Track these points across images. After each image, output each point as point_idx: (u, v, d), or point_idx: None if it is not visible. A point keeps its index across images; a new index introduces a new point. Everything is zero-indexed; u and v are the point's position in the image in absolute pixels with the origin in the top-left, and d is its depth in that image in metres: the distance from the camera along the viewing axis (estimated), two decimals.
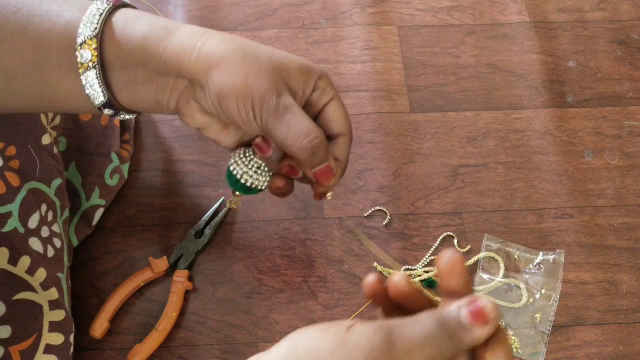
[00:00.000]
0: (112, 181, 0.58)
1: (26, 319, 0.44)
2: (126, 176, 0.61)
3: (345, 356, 0.25)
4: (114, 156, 0.58)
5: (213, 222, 0.60)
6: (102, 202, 0.58)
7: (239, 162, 0.41)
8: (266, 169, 0.41)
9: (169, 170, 0.64)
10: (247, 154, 0.41)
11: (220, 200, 0.61)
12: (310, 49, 0.72)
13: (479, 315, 0.27)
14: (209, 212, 0.60)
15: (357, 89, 0.69)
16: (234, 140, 0.41)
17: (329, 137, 0.41)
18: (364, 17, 0.74)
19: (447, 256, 0.29)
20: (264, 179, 0.41)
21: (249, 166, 0.41)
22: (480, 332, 0.27)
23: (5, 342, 0.43)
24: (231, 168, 0.41)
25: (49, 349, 0.46)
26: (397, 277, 0.30)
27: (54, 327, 0.47)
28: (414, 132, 0.67)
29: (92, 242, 0.59)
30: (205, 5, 0.74)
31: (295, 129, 0.36)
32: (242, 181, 0.41)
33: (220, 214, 0.60)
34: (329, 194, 0.42)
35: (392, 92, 0.69)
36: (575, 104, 0.70)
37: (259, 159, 0.41)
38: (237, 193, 0.43)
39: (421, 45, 0.73)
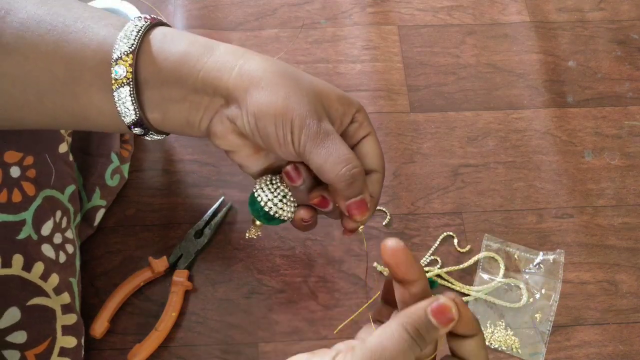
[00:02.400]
0: (112, 182, 0.58)
1: (40, 324, 0.45)
2: (127, 176, 0.61)
3: None
4: (114, 157, 0.58)
5: (213, 222, 0.60)
6: (103, 202, 0.58)
7: (265, 188, 0.39)
8: (292, 198, 0.39)
9: (169, 170, 0.64)
10: (273, 182, 0.39)
11: (220, 200, 0.61)
12: (310, 48, 0.72)
13: (444, 317, 0.30)
14: (209, 212, 0.61)
15: (357, 88, 0.69)
16: (262, 167, 0.40)
17: None
18: (364, 17, 0.74)
19: (389, 248, 0.31)
20: (288, 209, 0.39)
21: (275, 194, 0.38)
22: (445, 330, 0.30)
23: (22, 347, 0.44)
24: (256, 194, 0.39)
25: (63, 352, 0.47)
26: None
27: (67, 330, 0.47)
28: (414, 132, 0.67)
29: (93, 242, 0.59)
30: (205, 5, 0.74)
31: (335, 156, 0.35)
32: (266, 209, 0.38)
33: (220, 214, 0.60)
34: (360, 228, 0.39)
35: (392, 91, 0.69)
36: (575, 104, 0.70)
37: (286, 188, 0.39)
38: (258, 223, 0.40)
39: (421, 45, 0.73)
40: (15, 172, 0.44)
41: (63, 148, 0.49)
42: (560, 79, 0.71)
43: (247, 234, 0.42)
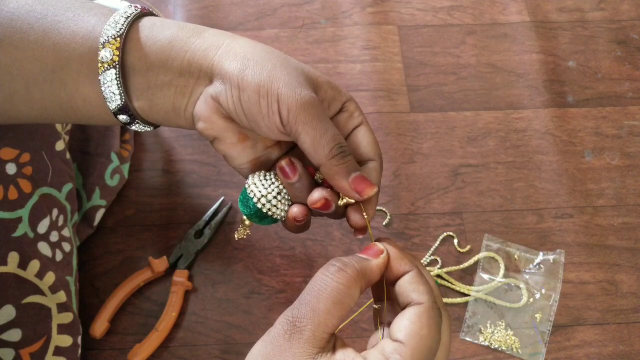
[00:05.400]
0: (112, 181, 0.58)
1: (36, 322, 0.45)
2: (126, 176, 0.61)
3: (268, 344, 0.30)
4: (114, 156, 0.58)
5: (213, 222, 0.60)
6: (103, 202, 0.58)
7: (258, 184, 0.36)
8: (287, 196, 0.36)
9: (169, 170, 0.64)
10: (267, 177, 0.37)
11: (220, 200, 0.61)
12: (310, 48, 0.72)
13: (372, 250, 0.34)
14: (209, 212, 0.60)
15: (357, 88, 0.69)
16: (247, 158, 0.38)
17: (358, 163, 0.37)
18: (364, 17, 0.74)
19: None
20: (282, 207, 0.36)
21: (269, 190, 0.36)
22: (376, 262, 0.33)
23: (16, 345, 0.44)
24: (248, 190, 0.37)
25: (58, 351, 0.47)
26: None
27: (63, 329, 0.47)
28: (414, 132, 0.67)
29: (92, 242, 0.59)
30: (205, 5, 0.74)
31: (331, 131, 0.33)
32: (259, 206, 0.36)
33: (220, 214, 0.60)
34: (367, 223, 0.36)
35: (392, 91, 0.69)
36: (575, 104, 0.70)
37: (280, 184, 0.36)
38: (248, 223, 0.38)
39: (421, 45, 0.73)
40: (11, 169, 0.44)
41: (60, 146, 0.49)
42: (560, 79, 0.71)
43: (236, 235, 0.39)
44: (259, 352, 0.30)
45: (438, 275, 0.59)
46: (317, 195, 0.35)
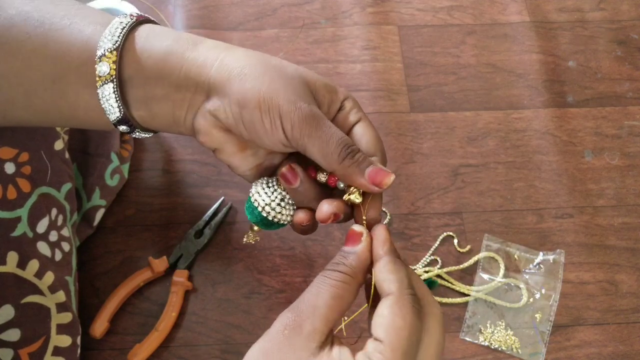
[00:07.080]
0: (112, 181, 0.58)
1: (35, 322, 0.45)
2: (126, 176, 0.61)
3: (267, 342, 0.30)
4: (114, 156, 0.58)
5: (213, 222, 0.60)
6: (103, 202, 0.58)
7: (261, 192, 0.37)
8: (291, 201, 0.37)
9: (169, 170, 0.64)
10: (269, 185, 0.37)
11: (220, 200, 0.61)
12: (310, 48, 0.72)
13: (352, 239, 0.34)
14: (209, 212, 0.61)
15: (357, 88, 0.69)
16: (250, 166, 0.38)
17: None
18: (364, 17, 0.74)
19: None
20: (287, 212, 0.37)
21: (272, 197, 0.37)
22: (360, 247, 0.33)
23: (15, 345, 0.44)
24: (252, 199, 0.37)
25: (57, 351, 0.47)
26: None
27: (62, 329, 0.47)
28: (414, 132, 0.67)
29: (92, 242, 0.59)
30: (205, 5, 0.74)
31: (336, 138, 0.33)
32: (264, 214, 0.37)
33: (220, 214, 0.61)
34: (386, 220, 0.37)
35: (392, 91, 0.69)
36: (575, 104, 0.70)
37: (284, 190, 0.37)
38: (256, 228, 0.39)
39: (421, 45, 0.73)
40: (10, 168, 0.44)
41: (59, 145, 0.49)
42: (560, 79, 0.71)
43: (244, 239, 0.40)
44: (259, 350, 0.30)
45: (438, 276, 0.59)
46: (325, 210, 0.35)
